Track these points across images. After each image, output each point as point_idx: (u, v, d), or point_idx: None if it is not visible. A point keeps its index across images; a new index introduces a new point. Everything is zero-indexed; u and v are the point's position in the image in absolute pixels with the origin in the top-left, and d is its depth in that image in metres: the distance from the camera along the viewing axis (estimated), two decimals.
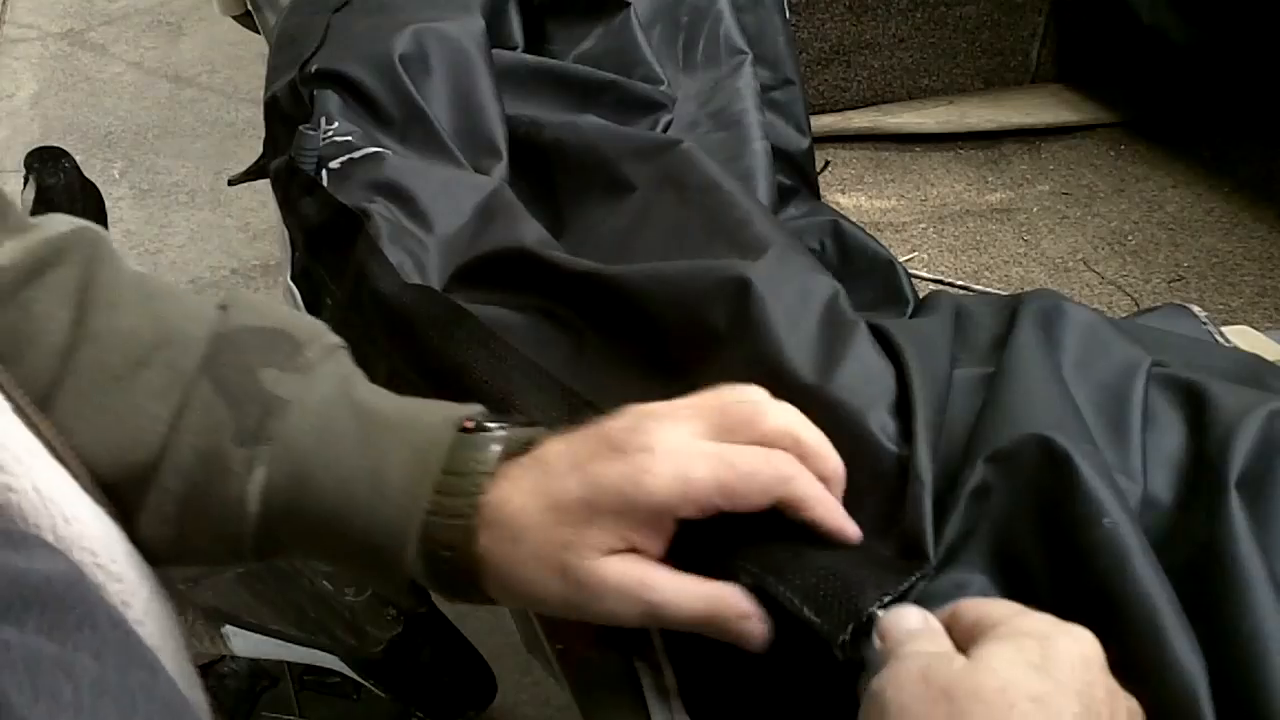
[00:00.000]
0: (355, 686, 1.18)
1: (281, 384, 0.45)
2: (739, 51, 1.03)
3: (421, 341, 0.61)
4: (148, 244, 2.28)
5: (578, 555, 0.42)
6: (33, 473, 0.39)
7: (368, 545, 0.44)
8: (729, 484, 0.41)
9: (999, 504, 0.45)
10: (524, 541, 0.42)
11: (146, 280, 0.48)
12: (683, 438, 0.42)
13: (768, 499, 0.42)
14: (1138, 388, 0.48)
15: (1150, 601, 0.39)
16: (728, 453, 0.42)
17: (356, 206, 0.68)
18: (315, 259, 0.72)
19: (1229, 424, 0.44)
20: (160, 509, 0.44)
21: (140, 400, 0.44)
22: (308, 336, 0.48)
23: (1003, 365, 0.49)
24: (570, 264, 0.61)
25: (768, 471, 0.42)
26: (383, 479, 0.43)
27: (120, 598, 0.42)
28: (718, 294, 0.54)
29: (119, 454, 0.44)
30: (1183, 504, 0.44)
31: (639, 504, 0.41)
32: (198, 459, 0.44)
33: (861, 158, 1.60)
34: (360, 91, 0.76)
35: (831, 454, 0.44)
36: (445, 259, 0.67)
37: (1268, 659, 0.37)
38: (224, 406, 0.44)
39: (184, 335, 0.46)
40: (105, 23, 3.16)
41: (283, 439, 0.44)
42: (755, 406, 0.44)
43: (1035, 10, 1.65)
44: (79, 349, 0.45)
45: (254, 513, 0.44)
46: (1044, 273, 1.36)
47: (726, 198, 0.64)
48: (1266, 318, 1.26)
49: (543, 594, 0.43)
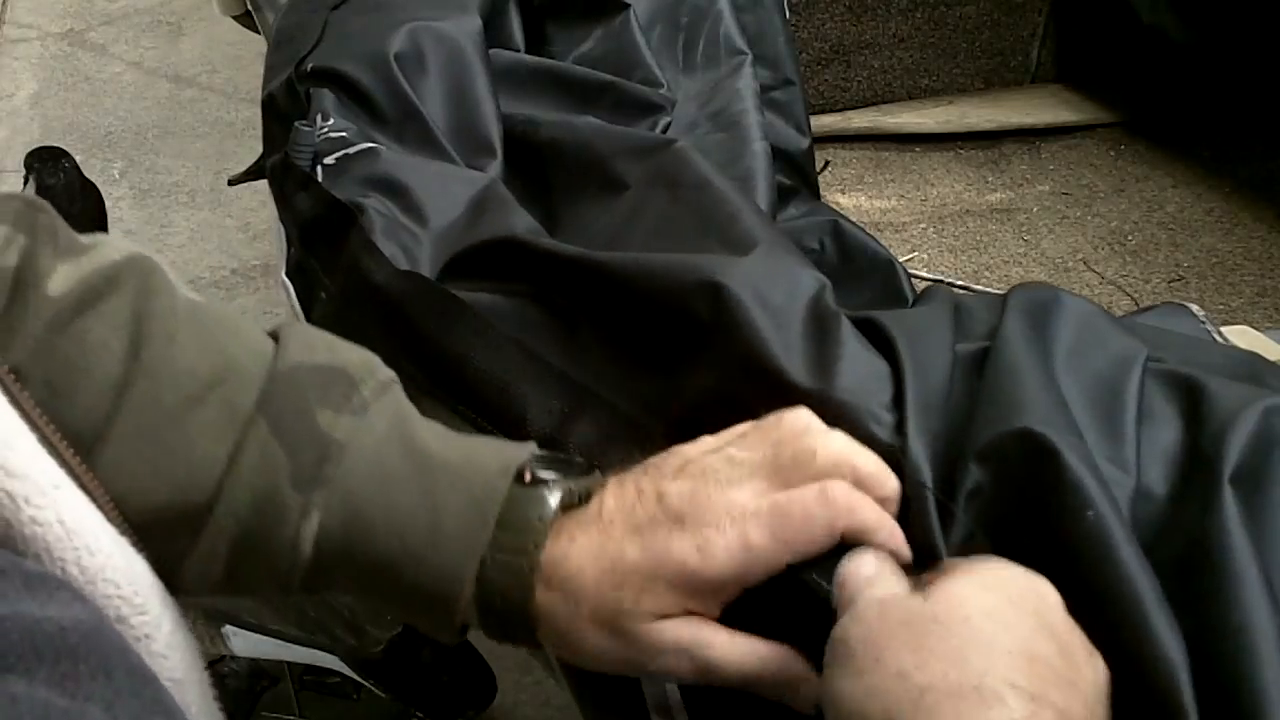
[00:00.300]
0: (355, 686, 1.18)
1: (338, 426, 0.44)
2: (739, 52, 1.04)
3: (418, 331, 0.61)
4: (148, 244, 2.28)
5: (634, 620, 0.42)
6: (58, 505, 0.39)
7: (420, 593, 0.44)
8: (789, 539, 0.41)
9: (989, 502, 0.45)
10: (581, 603, 0.42)
11: (201, 310, 0.48)
12: (742, 502, 0.42)
13: (831, 537, 0.41)
14: (1133, 380, 0.48)
15: (1133, 591, 0.39)
16: (782, 503, 0.41)
17: (350, 201, 0.68)
18: (309, 253, 0.72)
19: (1225, 418, 0.44)
20: (213, 549, 0.44)
21: (196, 439, 0.44)
22: (362, 373, 0.47)
23: (990, 358, 0.49)
24: (558, 250, 0.61)
25: (825, 513, 0.41)
26: (439, 528, 0.43)
27: (143, 630, 0.42)
28: (696, 291, 0.54)
29: (174, 492, 0.44)
30: (1176, 497, 0.44)
31: (702, 578, 0.41)
32: (253, 501, 0.43)
33: (861, 158, 1.60)
34: (356, 89, 0.76)
35: (887, 476, 0.44)
36: (438, 251, 0.67)
37: (1256, 651, 0.37)
38: (281, 449, 0.44)
39: (241, 372, 0.45)
40: (105, 23, 3.17)
41: (339, 484, 0.44)
42: (807, 441, 0.43)
43: (1035, 10, 1.65)
44: (134, 384, 0.44)
45: (306, 555, 0.44)
46: (1044, 273, 1.36)
47: (717, 194, 0.64)
48: (1266, 318, 1.26)
49: (596, 651, 0.43)
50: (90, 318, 0.45)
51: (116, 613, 0.40)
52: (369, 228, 0.65)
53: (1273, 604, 0.39)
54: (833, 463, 0.43)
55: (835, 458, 0.43)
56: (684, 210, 0.65)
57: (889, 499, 0.44)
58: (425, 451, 0.45)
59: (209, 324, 0.47)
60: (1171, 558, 0.41)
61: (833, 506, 0.41)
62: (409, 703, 1.19)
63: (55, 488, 0.39)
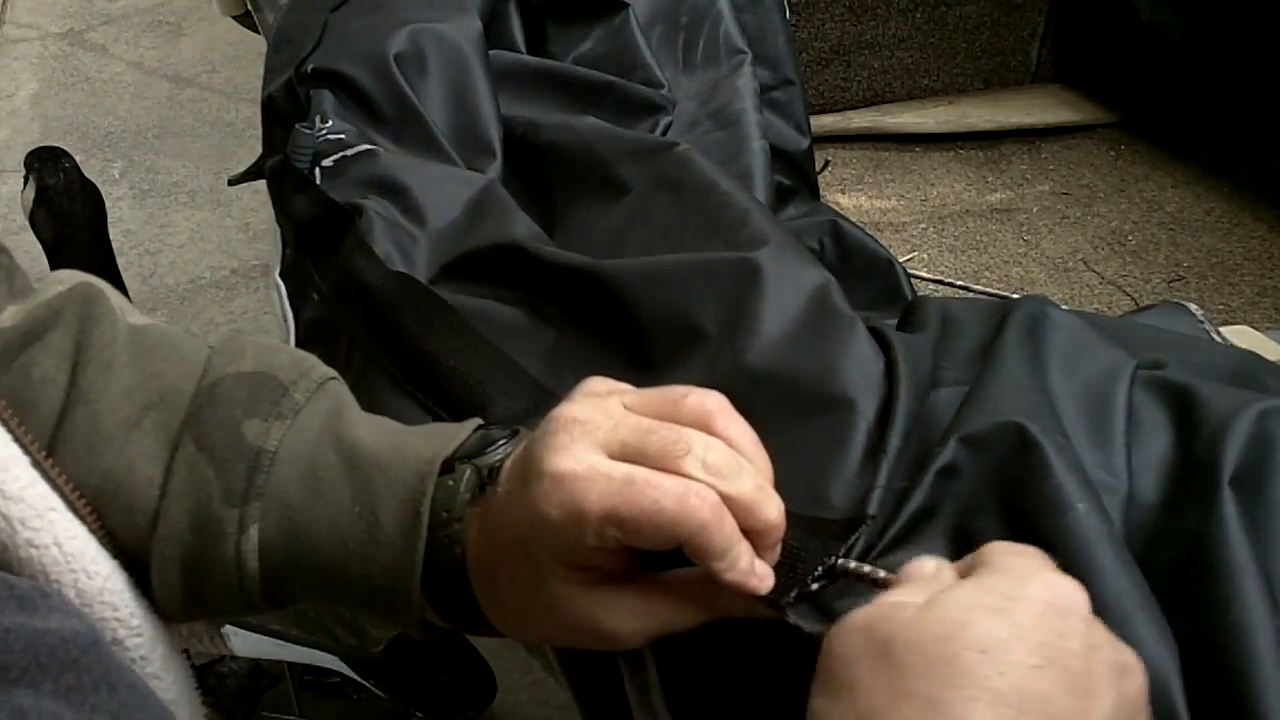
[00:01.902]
0: (355, 686, 1.19)
1: (268, 434, 0.44)
2: (739, 51, 1.04)
3: (398, 329, 0.61)
4: (148, 244, 2.28)
5: (534, 592, 0.41)
6: (55, 528, 0.40)
7: (372, 591, 0.43)
8: (624, 518, 0.37)
9: (966, 485, 0.45)
10: (495, 583, 0.42)
11: (143, 334, 0.47)
12: (582, 457, 0.38)
13: (669, 541, 0.38)
14: (1121, 389, 0.48)
15: (1117, 588, 0.39)
16: (638, 479, 0.37)
17: (348, 202, 0.68)
18: (304, 254, 0.72)
19: (1219, 423, 0.44)
20: (165, 574, 0.44)
21: (134, 463, 0.44)
22: (294, 376, 0.46)
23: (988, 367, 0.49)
24: (562, 259, 0.61)
25: (673, 510, 0.37)
26: (376, 526, 0.43)
27: (139, 652, 0.42)
28: (724, 280, 0.54)
29: (122, 519, 0.43)
30: (1171, 503, 0.44)
31: (546, 536, 0.39)
32: (190, 522, 0.43)
33: (861, 158, 1.60)
34: (356, 90, 0.77)
35: (766, 506, 0.39)
36: (435, 252, 0.67)
37: (1253, 651, 0.37)
38: (209, 466, 0.43)
39: (174, 393, 0.45)
40: (105, 23, 3.17)
41: (273, 493, 0.43)
42: (699, 414, 0.39)
43: (1035, 10, 1.65)
44: (72, 412, 0.44)
45: (254, 569, 0.44)
46: (1044, 273, 1.36)
47: (723, 197, 0.64)
48: (1266, 318, 1.26)
49: (530, 632, 0.43)
50: (36, 351, 0.45)
51: (113, 635, 0.41)
52: (365, 229, 0.66)
53: (1271, 604, 0.39)
54: (715, 465, 0.38)
55: (720, 448, 0.39)
56: (688, 213, 0.65)
57: (762, 533, 0.39)
58: (359, 449, 0.44)
59: (150, 348, 0.47)
60: (1169, 562, 0.42)
61: (686, 511, 0.37)
62: (409, 703, 1.19)
63: (51, 510, 0.40)
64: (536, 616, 0.42)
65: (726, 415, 0.40)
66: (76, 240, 1.46)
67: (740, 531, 0.38)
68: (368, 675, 1.14)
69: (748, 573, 0.38)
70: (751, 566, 0.39)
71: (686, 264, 0.57)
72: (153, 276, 2.19)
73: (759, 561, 0.39)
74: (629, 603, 0.41)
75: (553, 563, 0.40)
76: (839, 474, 0.46)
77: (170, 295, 2.15)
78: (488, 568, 0.42)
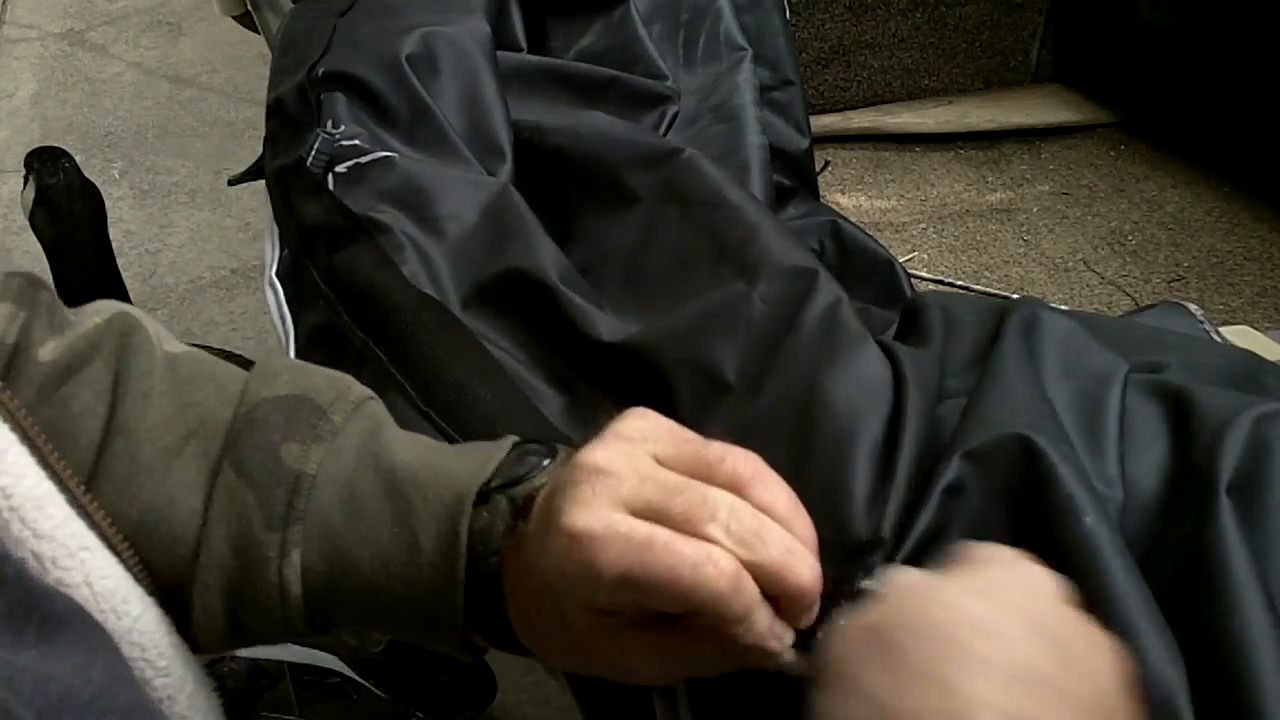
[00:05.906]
0: (355, 686, 1.18)
1: (306, 458, 0.44)
2: (739, 48, 1.04)
3: (421, 352, 0.61)
4: (148, 244, 2.28)
5: (562, 633, 0.41)
6: (86, 567, 0.39)
7: (415, 611, 0.43)
8: (639, 581, 0.37)
9: (973, 501, 0.44)
10: (529, 616, 0.42)
11: (180, 362, 0.47)
12: (602, 514, 0.38)
13: (684, 606, 0.37)
14: (1114, 395, 0.48)
15: (1127, 602, 0.39)
16: (657, 543, 0.37)
17: (365, 216, 0.68)
18: (310, 260, 0.72)
19: (1215, 429, 0.44)
20: (207, 603, 0.44)
21: (175, 494, 0.44)
22: (330, 397, 0.46)
23: (986, 376, 0.49)
24: (594, 332, 0.61)
25: (690, 578, 0.36)
26: (416, 546, 0.43)
27: (166, 692, 0.42)
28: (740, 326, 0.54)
29: (162, 550, 0.43)
30: (1169, 510, 0.44)
31: (566, 587, 0.39)
32: (232, 550, 0.43)
33: (861, 158, 1.60)
34: (369, 92, 0.77)
35: (796, 570, 0.38)
36: (456, 266, 0.67)
37: (1254, 661, 0.37)
38: (249, 492, 0.43)
39: (213, 420, 0.45)
40: (105, 23, 3.16)
41: (313, 517, 0.43)
42: (732, 481, 0.39)
43: (1035, 10, 1.65)
44: (112, 443, 0.44)
45: (296, 595, 0.43)
46: (1044, 273, 1.36)
47: (729, 212, 0.64)
48: (1266, 318, 1.26)
49: (566, 664, 0.43)
50: (75, 384, 0.45)
51: (140, 674, 0.41)
52: (390, 247, 0.65)
53: (1271, 611, 0.39)
54: (739, 532, 0.37)
55: (750, 514, 0.38)
56: (696, 231, 0.65)
57: (794, 598, 0.38)
58: (398, 470, 0.44)
59: (187, 376, 0.47)
60: (1168, 570, 0.41)
61: (703, 579, 0.36)
62: (409, 703, 1.19)
63: (84, 549, 0.40)
64: (568, 652, 0.42)
65: (762, 481, 0.40)
66: (76, 240, 1.46)
67: (763, 597, 0.38)
68: (368, 675, 1.14)
69: (764, 636, 0.38)
70: (769, 630, 0.38)
71: (702, 313, 0.57)
72: (153, 276, 2.19)
73: (777, 622, 0.39)
74: (655, 648, 0.41)
75: (576, 610, 0.40)
76: (849, 499, 0.46)
77: (170, 295, 2.15)
78: (521, 603, 0.42)
